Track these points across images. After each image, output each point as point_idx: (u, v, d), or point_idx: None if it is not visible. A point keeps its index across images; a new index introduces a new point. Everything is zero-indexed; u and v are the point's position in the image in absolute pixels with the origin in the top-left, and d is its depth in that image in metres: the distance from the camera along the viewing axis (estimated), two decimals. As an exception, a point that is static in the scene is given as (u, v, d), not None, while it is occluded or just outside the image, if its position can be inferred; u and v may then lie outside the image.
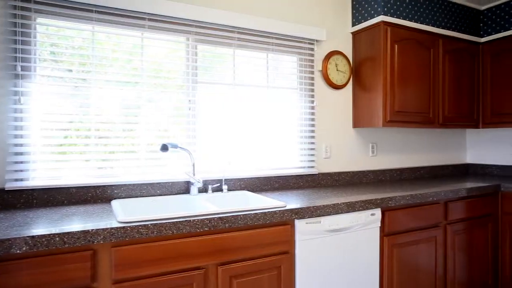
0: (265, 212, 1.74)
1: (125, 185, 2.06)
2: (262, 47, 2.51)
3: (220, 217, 1.63)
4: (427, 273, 2.37)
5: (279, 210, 1.78)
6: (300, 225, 1.86)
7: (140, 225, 1.47)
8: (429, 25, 2.89)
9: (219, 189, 2.34)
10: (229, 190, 2.37)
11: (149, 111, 2.16)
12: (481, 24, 3.26)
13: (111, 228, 1.42)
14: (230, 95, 2.42)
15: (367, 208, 2.08)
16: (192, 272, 1.58)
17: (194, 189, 2.17)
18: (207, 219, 1.60)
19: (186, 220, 1.56)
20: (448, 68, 3.00)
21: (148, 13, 2.13)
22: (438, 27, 2.94)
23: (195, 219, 1.58)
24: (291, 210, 1.82)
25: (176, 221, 1.54)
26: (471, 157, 3.69)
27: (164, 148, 2.03)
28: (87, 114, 2.02)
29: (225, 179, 2.35)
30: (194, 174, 2.17)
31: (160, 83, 2.20)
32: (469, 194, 2.57)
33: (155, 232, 1.49)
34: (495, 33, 3.15)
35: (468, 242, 2.61)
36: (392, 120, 2.67)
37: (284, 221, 1.83)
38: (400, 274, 2.25)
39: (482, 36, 3.25)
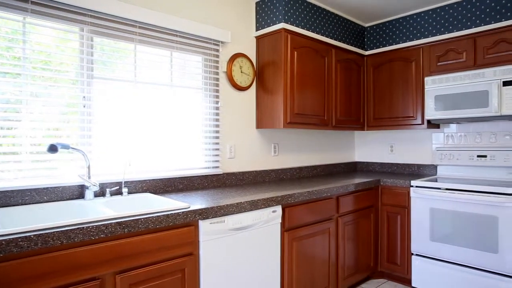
0: (168, 214, 1.69)
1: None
2: (166, 45, 2.44)
3: (118, 222, 1.53)
4: (322, 262, 2.60)
5: (183, 212, 1.75)
6: (204, 225, 1.85)
7: (19, 237, 1.29)
8: (324, 36, 3.17)
9: (119, 192, 2.19)
10: (129, 193, 2.24)
11: (35, 108, 1.91)
12: (365, 39, 3.71)
13: (-18, 243, 1.22)
14: (131, 93, 2.29)
15: (269, 206, 2.19)
16: (86, 284, 1.45)
17: (89, 194, 1.99)
18: (103, 225, 1.49)
19: (78, 228, 1.42)
20: (339, 76, 3.34)
21: (33, -3, 1.88)
22: (331, 38, 3.25)
23: (89, 226, 1.45)
24: (195, 211, 1.80)
25: (67, 230, 1.39)
26: (358, 155, 4.16)
27: (52, 149, 1.82)
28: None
29: (125, 182, 2.22)
30: (89, 177, 2.00)
31: (49, 76, 1.97)
32: (356, 189, 2.89)
33: (40, 244, 1.33)
34: (375, 48, 3.62)
35: (355, 231, 2.94)
36: (292, 122, 2.85)
37: (188, 223, 1.81)
38: (299, 265, 2.41)
39: (366, 50, 3.70)
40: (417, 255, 2.98)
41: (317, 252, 2.56)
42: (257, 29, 3.01)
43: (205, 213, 1.85)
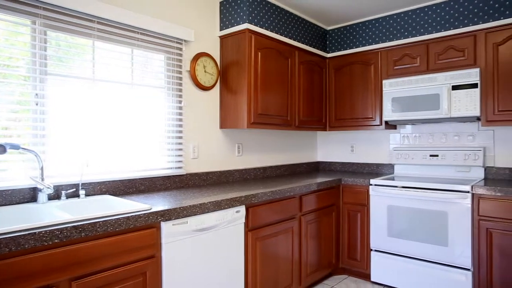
0: (129, 217, 1.64)
1: None
2: (126, 42, 2.36)
3: (74, 226, 1.46)
4: (285, 260, 2.63)
5: (144, 214, 1.70)
6: (166, 227, 1.82)
7: (-38, 245, 1.19)
8: (287, 38, 3.22)
9: (75, 195, 2.09)
10: (87, 195, 2.14)
11: (-20, 105, 1.78)
12: (327, 42, 3.81)
13: None
14: (90, 91, 2.19)
15: (233, 206, 2.18)
16: (38, 293, 1.37)
17: (42, 197, 1.89)
18: (57, 229, 1.41)
19: (29, 233, 1.34)
20: (302, 77, 3.40)
21: (-22, -14, 1.75)
22: (295, 40, 3.31)
23: (41, 231, 1.37)
24: (157, 213, 1.76)
25: (16, 236, 1.30)
26: (321, 155, 4.26)
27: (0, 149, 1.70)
28: None
29: (82, 183, 2.12)
30: (42, 179, 1.89)
31: (-5, 72, 1.84)
32: (318, 188, 2.96)
33: (-14, 251, 1.24)
34: (337, 51, 3.73)
35: (317, 230, 3.01)
36: (255, 122, 2.86)
37: (149, 225, 1.76)
38: (263, 264, 2.43)
39: (328, 52, 3.80)
40: (375, 250, 3.10)
41: (280, 251, 2.59)
42: (221, 29, 3.00)
43: (168, 215, 1.81)
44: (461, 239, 2.64)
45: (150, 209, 1.79)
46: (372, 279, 3.11)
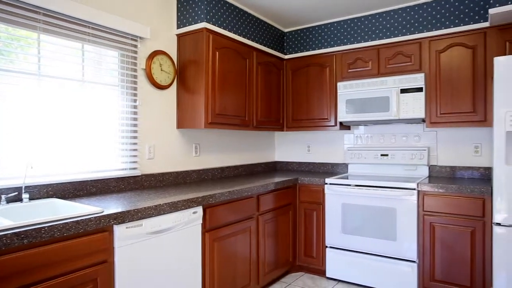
0: (78, 221, 1.56)
1: None
2: (76, 36, 2.24)
3: (15, 233, 1.36)
4: (243, 260, 2.64)
5: (95, 217, 1.63)
6: (119, 230, 1.75)
7: None
8: (246, 38, 3.23)
9: (18, 199, 1.95)
10: (31, 199, 2.00)
11: None
12: (285, 44, 3.88)
13: None
14: (35, 87, 2.05)
15: (189, 207, 2.15)
16: (-27, 306, 1.26)
17: (-21, 201, 1.74)
18: (-4, 236, 1.31)
19: (-37, 242, 1.23)
20: (260, 78, 3.43)
21: None
22: (253, 40, 3.33)
23: (-22, 239, 1.26)
24: (109, 216, 1.69)
25: None
26: (278, 155, 4.33)
27: None
28: None
29: (26, 187, 1.98)
30: (-21, 183, 1.74)
31: None
32: (276, 188, 3.00)
33: None
34: (294, 53, 3.81)
35: (275, 229, 3.05)
36: (213, 122, 2.84)
37: (101, 228, 1.69)
38: (221, 265, 2.42)
39: (285, 54, 3.87)
40: (330, 247, 3.21)
41: (238, 251, 2.59)
42: (178, 27, 2.94)
43: (121, 217, 1.75)
44: (408, 234, 2.80)
45: (102, 212, 1.71)
46: (327, 275, 3.21)
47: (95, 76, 2.38)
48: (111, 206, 1.89)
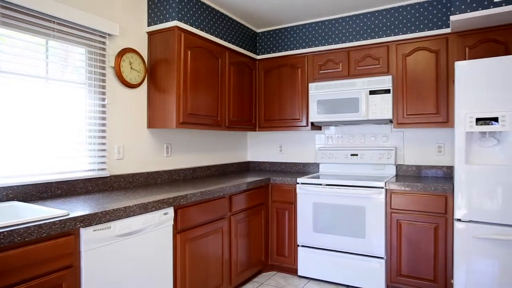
0: (41, 225, 1.49)
1: None
2: (39, 31, 2.14)
3: (-28, 238, 1.28)
4: (216, 260, 2.63)
5: (60, 220, 1.56)
6: (86, 233, 1.69)
7: None
8: (218, 38, 3.21)
9: (-25, 202, 1.84)
10: (-10, 202, 1.90)
11: None
12: (257, 44, 3.89)
13: None
14: (-7, 84, 1.94)
15: (160, 208, 2.11)
16: None
17: None
18: (-50, 243, 1.23)
19: None
20: (233, 78, 3.43)
21: None
22: (225, 40, 3.32)
23: None
24: (75, 218, 1.63)
25: None
26: (251, 155, 4.34)
27: None
28: None
29: (-16, 189, 1.87)
30: None
31: None
32: (248, 188, 3.01)
33: None
34: (266, 53, 3.83)
35: (247, 229, 3.06)
36: (185, 122, 2.81)
37: (66, 232, 1.62)
38: (193, 266, 2.39)
39: (258, 54, 3.89)
40: (302, 246, 3.25)
41: (210, 252, 2.58)
42: (149, 25, 2.88)
43: (88, 220, 1.69)
44: (376, 231, 2.89)
45: (68, 215, 1.65)
46: (299, 273, 3.25)
47: (61, 73, 2.29)
48: (77, 208, 1.83)
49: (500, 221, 2.35)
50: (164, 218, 2.15)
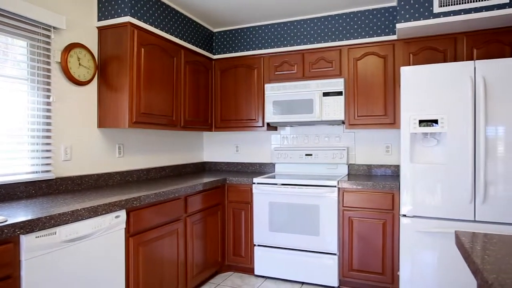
0: (-25, 232, 1.37)
1: None
2: (-26, 22, 1.96)
3: None
4: (171, 263, 2.57)
5: (-3, 227, 1.44)
6: (27, 240, 1.57)
7: None
8: (173, 36, 3.14)
9: None
10: None
11: None
12: (214, 44, 3.87)
13: None
14: None
15: (111, 211, 2.03)
16: None
17: None
18: None
19: None
20: (188, 77, 3.37)
21: None
22: (181, 39, 3.25)
23: None
24: (14, 225, 1.51)
25: None
26: (207, 155, 4.29)
27: None
28: None
29: None
30: None
31: None
32: (204, 188, 2.98)
33: None
34: (223, 53, 3.82)
35: (203, 230, 3.02)
36: (138, 122, 2.72)
37: (4, 239, 1.50)
38: (147, 270, 2.32)
39: (214, 54, 3.86)
40: (258, 245, 3.28)
41: (165, 255, 2.51)
42: (99, 19, 2.75)
43: (29, 226, 1.57)
44: (329, 228, 2.99)
45: (6, 221, 1.53)
46: (256, 272, 3.28)
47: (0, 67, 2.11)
48: (17, 214, 1.70)
49: (439, 215, 2.54)
50: (116, 222, 2.06)
